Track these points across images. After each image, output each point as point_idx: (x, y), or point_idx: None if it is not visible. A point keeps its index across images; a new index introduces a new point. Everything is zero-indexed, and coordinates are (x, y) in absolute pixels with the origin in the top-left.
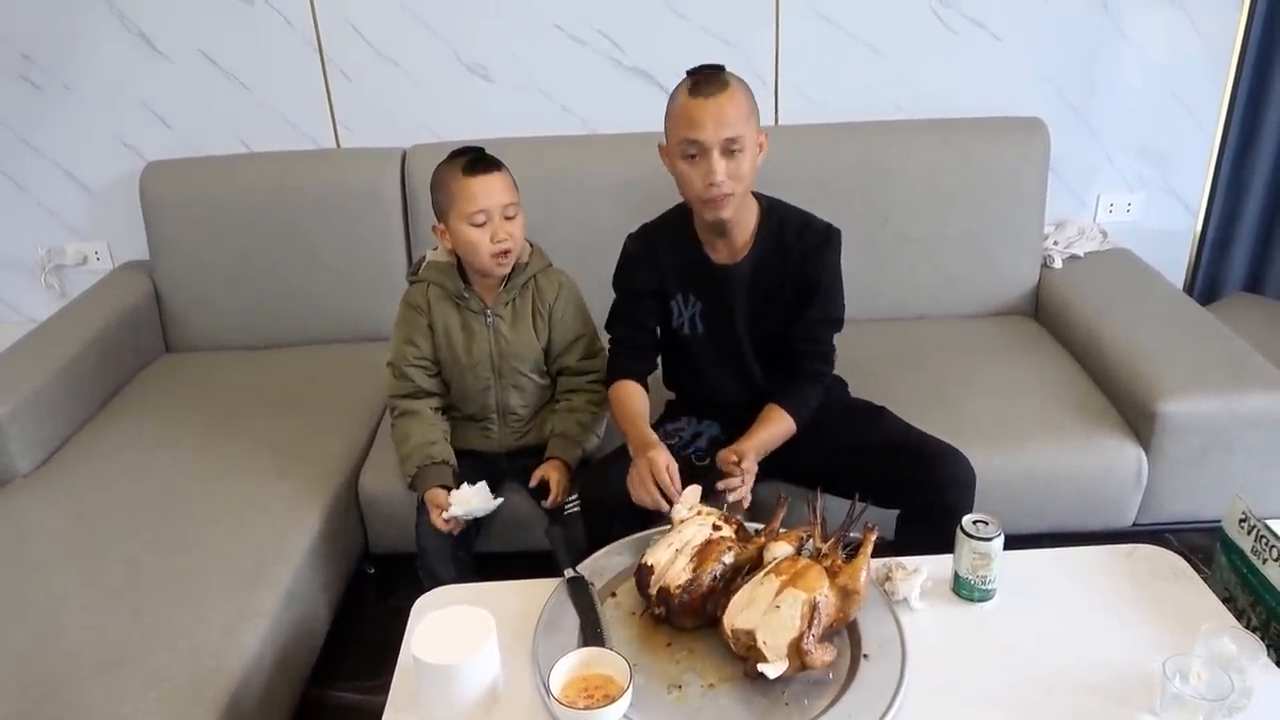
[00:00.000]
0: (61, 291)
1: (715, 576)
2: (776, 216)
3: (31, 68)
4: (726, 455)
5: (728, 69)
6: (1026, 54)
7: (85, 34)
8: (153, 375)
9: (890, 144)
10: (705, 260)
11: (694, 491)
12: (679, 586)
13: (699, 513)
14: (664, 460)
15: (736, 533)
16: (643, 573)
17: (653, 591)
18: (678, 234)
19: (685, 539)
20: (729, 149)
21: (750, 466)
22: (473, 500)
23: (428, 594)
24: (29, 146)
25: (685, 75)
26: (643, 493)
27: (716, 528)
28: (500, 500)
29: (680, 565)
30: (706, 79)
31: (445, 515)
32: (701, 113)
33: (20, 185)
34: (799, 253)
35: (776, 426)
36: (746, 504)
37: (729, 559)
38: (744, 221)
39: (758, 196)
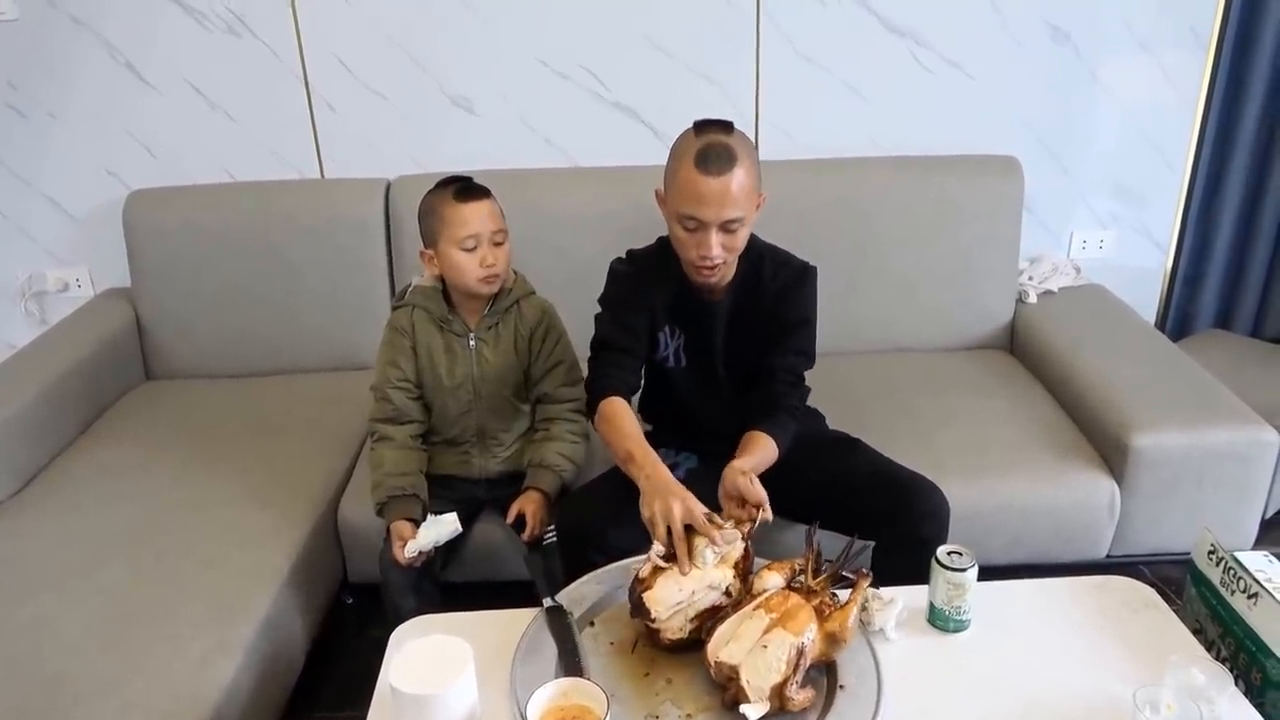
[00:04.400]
0: (41, 318)
1: (707, 629)
2: (756, 253)
3: (17, 95)
4: (745, 486)
5: (735, 126)
6: (1002, 95)
7: (72, 63)
8: (133, 402)
9: (868, 180)
10: (688, 294)
11: (733, 536)
12: (670, 640)
13: (722, 560)
14: (700, 510)
15: (740, 578)
16: (641, 608)
17: (645, 625)
18: (664, 267)
19: (694, 602)
20: (728, 228)
21: (767, 512)
22: (435, 531)
23: (406, 623)
24: (12, 173)
25: (692, 128)
26: (678, 545)
27: (728, 593)
28: (457, 528)
29: (679, 623)
30: (715, 151)
31: (407, 552)
32: (706, 191)
33: (2, 211)
34: (775, 288)
35: (766, 451)
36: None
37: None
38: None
39: None
